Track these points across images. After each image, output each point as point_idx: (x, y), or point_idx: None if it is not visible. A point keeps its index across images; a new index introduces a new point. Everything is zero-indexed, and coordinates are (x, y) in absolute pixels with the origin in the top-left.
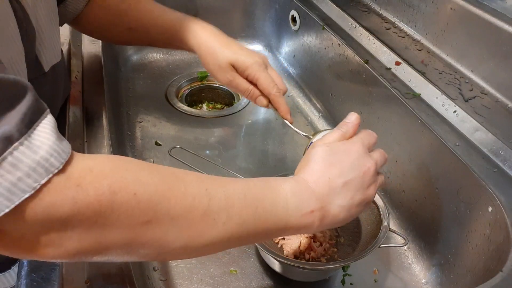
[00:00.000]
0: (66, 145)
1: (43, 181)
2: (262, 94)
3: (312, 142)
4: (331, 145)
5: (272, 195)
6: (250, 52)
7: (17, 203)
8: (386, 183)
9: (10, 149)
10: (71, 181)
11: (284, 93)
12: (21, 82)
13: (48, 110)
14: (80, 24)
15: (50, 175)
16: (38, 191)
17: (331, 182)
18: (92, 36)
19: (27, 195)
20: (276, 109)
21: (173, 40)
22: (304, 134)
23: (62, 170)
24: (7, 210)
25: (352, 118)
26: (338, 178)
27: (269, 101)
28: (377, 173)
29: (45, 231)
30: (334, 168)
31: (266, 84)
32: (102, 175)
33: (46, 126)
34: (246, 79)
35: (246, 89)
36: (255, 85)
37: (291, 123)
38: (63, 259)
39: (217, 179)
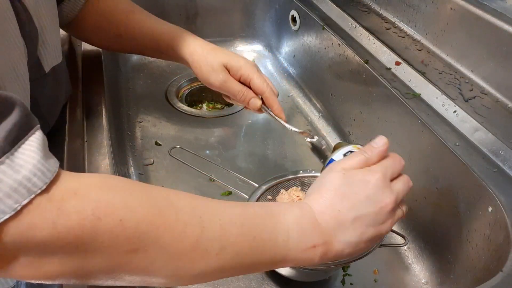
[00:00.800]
0: (52, 164)
1: (24, 202)
2: (255, 96)
3: (332, 160)
4: (348, 172)
5: (273, 225)
6: (241, 56)
7: None
8: (403, 216)
9: None
10: (52, 204)
11: (276, 95)
12: (9, 97)
13: (38, 126)
14: (73, 29)
15: (32, 196)
16: (18, 212)
17: (340, 215)
18: (83, 41)
19: (6, 216)
20: (269, 109)
21: (163, 50)
22: (299, 130)
23: (45, 190)
24: None
25: (380, 143)
26: (349, 212)
27: (262, 103)
28: (397, 207)
29: (24, 253)
30: (346, 200)
31: (259, 83)
32: (86, 198)
33: (33, 144)
34: (239, 80)
35: (239, 90)
36: (248, 86)
37: (285, 122)
38: (44, 280)
39: (213, 205)
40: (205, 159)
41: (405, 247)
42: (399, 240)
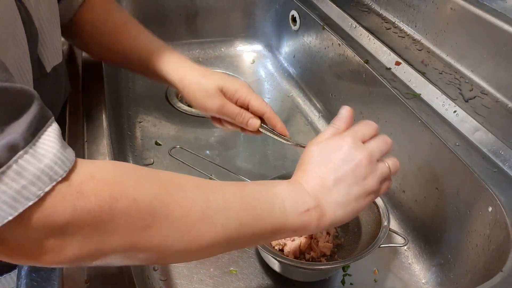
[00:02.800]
0: (70, 153)
1: (47, 189)
2: (253, 116)
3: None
4: (321, 143)
5: (268, 196)
6: (235, 78)
7: (20, 211)
8: (396, 168)
9: (15, 158)
10: (72, 188)
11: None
12: (28, 91)
13: (53, 117)
14: (69, 36)
15: (54, 183)
16: (41, 199)
17: (323, 180)
18: (77, 47)
19: (31, 203)
20: (270, 128)
21: (151, 71)
22: (304, 145)
23: (65, 178)
24: (10, 218)
25: (344, 112)
26: (329, 175)
27: (261, 123)
28: (376, 162)
29: (45, 237)
30: (324, 166)
31: (259, 104)
32: (103, 182)
33: (51, 134)
34: (235, 103)
35: (238, 112)
36: (245, 108)
37: (289, 138)
38: (64, 264)
39: (215, 183)
40: (205, 159)
41: (405, 247)
42: (399, 240)
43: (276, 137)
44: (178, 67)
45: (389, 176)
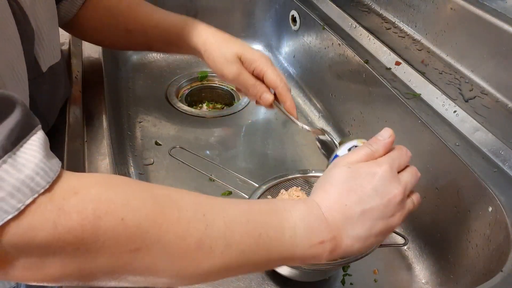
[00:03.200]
0: (54, 163)
1: (27, 201)
2: (267, 90)
3: (336, 155)
4: (353, 166)
5: (279, 222)
6: (255, 49)
7: None
8: (417, 206)
9: None
10: (53, 204)
11: (289, 91)
12: (9, 97)
13: (39, 126)
14: (73, 27)
15: (36, 195)
16: (21, 212)
17: (348, 209)
18: (86, 40)
19: (10, 216)
20: (281, 104)
21: (174, 43)
22: (309, 129)
23: (48, 190)
24: None
25: (386, 134)
26: (356, 206)
27: (274, 98)
28: (406, 198)
29: (24, 254)
30: (353, 193)
31: (273, 78)
32: (87, 198)
33: (34, 143)
34: (252, 73)
35: (253, 84)
36: (260, 80)
37: (296, 119)
38: (45, 283)
39: (217, 202)
40: (205, 159)
41: (405, 247)
42: (399, 240)
43: (287, 116)
44: (201, 32)
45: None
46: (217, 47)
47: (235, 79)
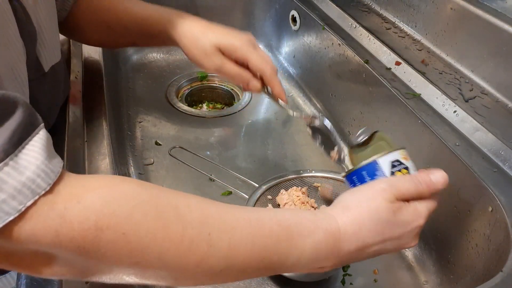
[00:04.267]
0: (55, 164)
1: (28, 203)
2: (254, 77)
3: (375, 163)
4: (398, 212)
5: (286, 249)
6: (236, 33)
7: (0, 226)
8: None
9: None
10: (55, 212)
11: (276, 73)
12: (10, 97)
13: (42, 124)
14: (65, 29)
15: (36, 197)
16: (23, 213)
17: (366, 247)
18: (74, 39)
19: (11, 218)
20: (270, 90)
21: (155, 36)
22: (300, 115)
23: (49, 191)
24: None
25: (440, 178)
26: (376, 246)
27: (262, 84)
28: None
29: (32, 252)
30: (381, 236)
31: (258, 64)
32: (90, 209)
33: (36, 144)
34: (235, 62)
35: (237, 73)
36: (246, 67)
37: (286, 103)
38: (58, 277)
39: (226, 219)
40: (205, 159)
41: None
42: None
43: (275, 103)
44: (178, 23)
45: None
46: (195, 40)
47: (217, 71)
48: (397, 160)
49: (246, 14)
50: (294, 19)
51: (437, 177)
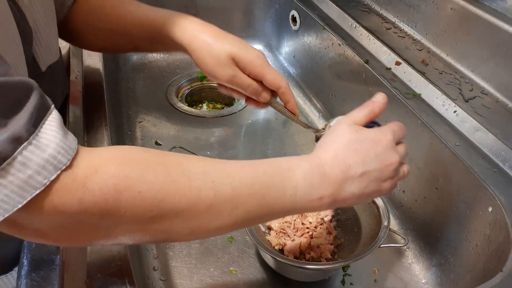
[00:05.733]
0: (72, 141)
1: (52, 178)
2: (265, 89)
3: (331, 126)
4: (360, 130)
5: (281, 182)
6: (249, 46)
7: (28, 199)
8: (407, 176)
9: (19, 149)
10: (77, 182)
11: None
12: (26, 82)
13: (53, 105)
14: (66, 34)
15: (59, 172)
16: (48, 188)
17: (350, 169)
18: (73, 44)
19: (38, 191)
20: (282, 104)
21: (158, 40)
22: (311, 126)
23: (69, 166)
24: (20, 206)
25: (380, 98)
26: (358, 167)
27: (271, 97)
28: (399, 167)
29: (58, 223)
30: (357, 155)
31: (274, 79)
32: (107, 175)
33: (52, 124)
34: (248, 74)
35: (249, 84)
36: (258, 81)
37: (297, 117)
38: (79, 245)
39: (224, 168)
40: None
41: (405, 247)
42: (399, 240)
43: (283, 113)
44: (186, 27)
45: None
46: (207, 47)
47: (229, 81)
48: None
49: (246, 14)
50: (294, 19)
51: (377, 96)
